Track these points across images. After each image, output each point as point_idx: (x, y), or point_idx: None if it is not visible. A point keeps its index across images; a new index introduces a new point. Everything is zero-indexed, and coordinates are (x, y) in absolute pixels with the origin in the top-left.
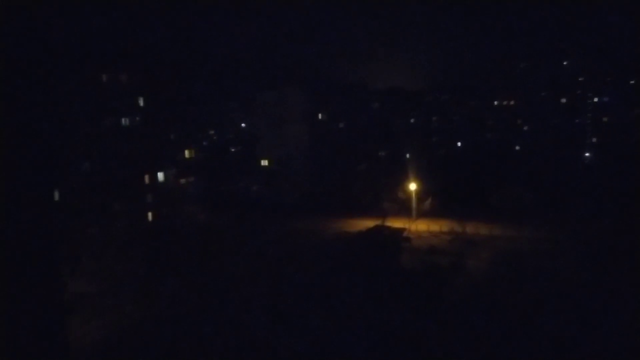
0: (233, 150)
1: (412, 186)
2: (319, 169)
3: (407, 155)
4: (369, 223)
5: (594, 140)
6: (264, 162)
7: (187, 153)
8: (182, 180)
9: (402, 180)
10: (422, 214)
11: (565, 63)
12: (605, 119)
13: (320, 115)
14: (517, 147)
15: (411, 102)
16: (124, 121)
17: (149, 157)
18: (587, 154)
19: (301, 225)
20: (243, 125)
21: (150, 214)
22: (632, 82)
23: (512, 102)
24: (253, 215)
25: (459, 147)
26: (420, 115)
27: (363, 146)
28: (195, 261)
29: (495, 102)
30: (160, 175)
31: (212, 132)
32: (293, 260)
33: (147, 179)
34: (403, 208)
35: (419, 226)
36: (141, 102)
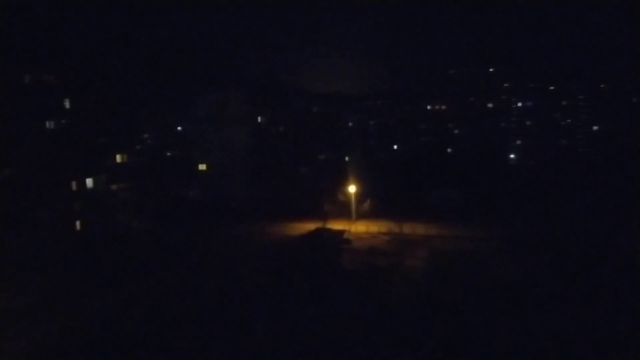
0: (169, 154)
1: (352, 188)
2: (260, 173)
3: (347, 159)
4: (310, 226)
5: (518, 142)
6: (202, 167)
7: (118, 158)
8: (114, 187)
9: (343, 183)
10: (362, 216)
11: (491, 70)
12: (528, 123)
13: (260, 119)
14: (449, 150)
15: (350, 106)
16: (49, 124)
17: (76, 163)
18: (512, 155)
19: (241, 231)
20: (179, 128)
21: (78, 223)
22: (551, 88)
23: (443, 107)
24: (190, 222)
25: (395, 150)
26: (359, 119)
27: (304, 149)
28: (126, 272)
29: (429, 107)
30: (89, 182)
31: (146, 135)
32: (231, 267)
33: (74, 185)
34: (343, 210)
35: (359, 227)
36: (67, 104)
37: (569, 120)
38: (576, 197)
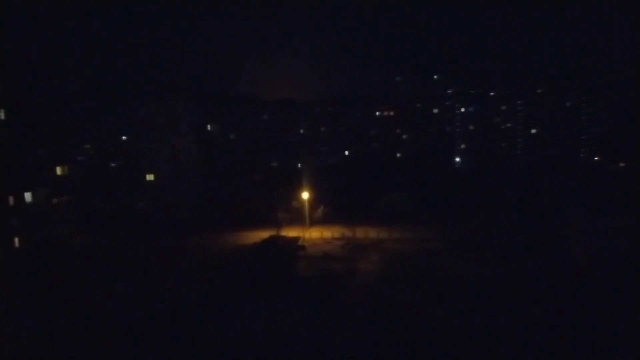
0: (114, 165)
1: (305, 195)
2: (211, 182)
3: (299, 165)
4: (264, 234)
5: (463, 146)
6: (150, 177)
7: (59, 170)
8: (55, 200)
9: (295, 190)
10: (316, 222)
11: (435, 77)
12: (471, 127)
13: (209, 127)
14: (398, 155)
15: (301, 113)
16: None
17: (13, 176)
18: (457, 159)
19: (192, 242)
20: (124, 138)
21: (17, 240)
22: (492, 93)
23: (391, 113)
24: (139, 234)
25: (346, 155)
26: (310, 126)
27: (255, 157)
28: (67, 289)
29: (377, 113)
30: (28, 196)
31: (88, 146)
32: (181, 279)
33: (11, 200)
34: (297, 217)
35: (313, 234)
36: (2, 115)
37: (508, 125)
38: (516, 197)
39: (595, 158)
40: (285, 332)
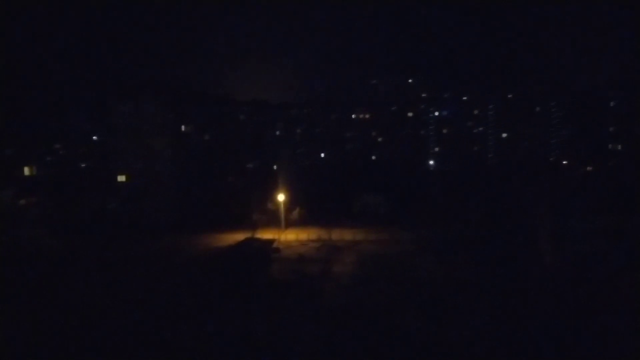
0: (84, 165)
1: (281, 197)
2: (185, 183)
3: (275, 167)
4: (239, 236)
5: (437, 149)
6: (121, 178)
7: (26, 170)
8: (23, 201)
9: (271, 192)
10: (291, 224)
11: (410, 81)
12: (445, 131)
13: (184, 127)
14: (373, 157)
15: (277, 114)
16: None
17: None
18: (431, 162)
19: (166, 244)
20: (95, 138)
21: None
22: (464, 98)
23: (367, 116)
24: (110, 236)
25: (322, 157)
26: (286, 127)
27: (231, 159)
28: (34, 293)
29: (353, 116)
30: None
31: (58, 146)
32: (153, 282)
33: None
34: (273, 219)
35: (289, 236)
36: None
37: (480, 129)
38: (488, 200)
39: (564, 162)
40: (260, 335)
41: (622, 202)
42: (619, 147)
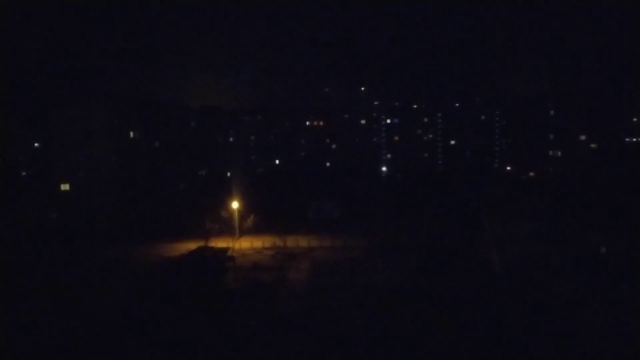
0: (25, 174)
1: (234, 204)
2: (133, 192)
3: (228, 174)
4: (191, 245)
5: (388, 156)
6: (65, 186)
7: None
8: None
9: (224, 199)
10: (246, 232)
11: (362, 89)
12: (396, 138)
13: (131, 134)
14: (327, 164)
15: (229, 121)
16: None
17: None
18: (383, 168)
19: (112, 255)
20: (36, 145)
21: None
22: (414, 106)
23: (321, 123)
24: (52, 248)
25: (277, 164)
26: (239, 134)
27: (182, 166)
28: None
29: (307, 123)
30: None
31: None
32: (100, 297)
33: None
34: (226, 227)
35: (243, 244)
36: None
37: (430, 136)
38: (437, 205)
39: (507, 168)
40: (212, 346)
41: (561, 206)
42: (559, 153)
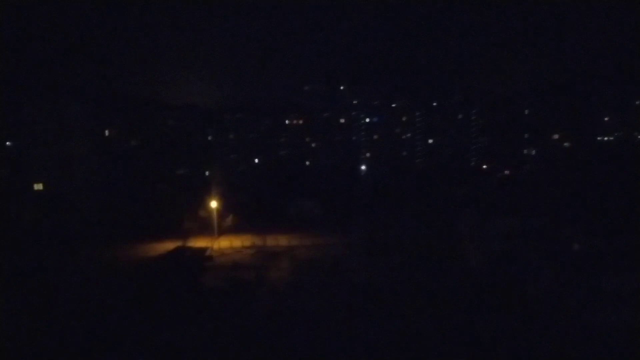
0: None
1: (213, 204)
2: (110, 191)
3: (207, 173)
4: (169, 245)
5: (368, 154)
6: (38, 186)
7: None
8: None
9: (203, 199)
10: (225, 231)
11: (342, 88)
12: (375, 137)
13: (107, 132)
14: (307, 162)
15: (208, 119)
16: None
17: None
18: (363, 167)
19: (88, 256)
20: (8, 143)
21: None
22: (393, 105)
23: (300, 122)
24: (26, 250)
25: (256, 163)
26: (218, 132)
27: (160, 164)
28: None
29: (287, 121)
30: None
31: None
32: (77, 299)
33: None
34: (205, 226)
35: (222, 243)
36: None
37: (408, 135)
38: (416, 203)
39: (484, 166)
40: (194, 345)
41: (535, 203)
42: (533, 152)
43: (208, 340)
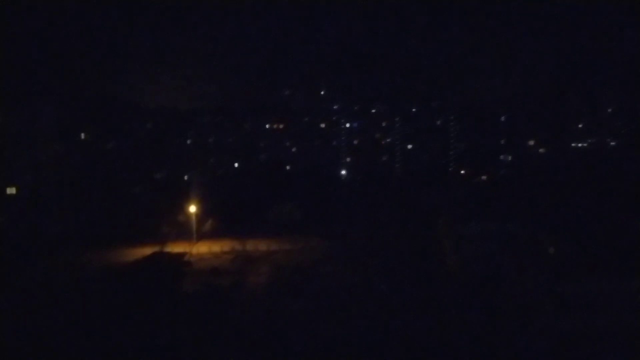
0: None
1: (192, 208)
2: (86, 195)
3: (185, 177)
4: (146, 251)
5: (348, 159)
6: (11, 190)
7: None
8: None
9: (181, 203)
10: (204, 236)
11: (322, 92)
12: (355, 141)
13: (83, 135)
14: (288, 167)
15: (187, 122)
16: None
17: None
18: (343, 171)
19: (62, 262)
20: None
21: None
22: (373, 110)
23: (281, 126)
24: None
25: (236, 167)
26: (197, 136)
27: (136, 168)
28: None
29: (267, 125)
30: None
31: None
32: (50, 307)
33: None
34: (184, 231)
35: (201, 248)
36: None
37: (388, 140)
38: (396, 207)
39: (462, 171)
40: (170, 353)
41: (511, 208)
42: (509, 157)
43: (184, 348)
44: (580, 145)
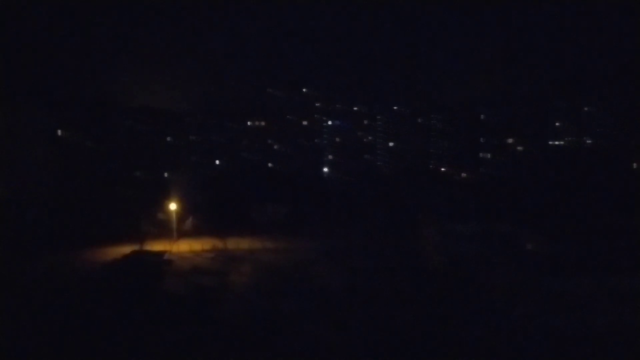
0: None
1: (172, 206)
2: (66, 194)
3: (166, 175)
4: (125, 249)
5: (330, 157)
6: None
7: None
8: None
9: (162, 201)
10: (185, 234)
11: (304, 90)
12: (337, 140)
13: (61, 134)
14: (270, 165)
15: (168, 121)
16: None
17: None
18: (325, 169)
19: (42, 262)
20: None
21: None
22: (355, 108)
23: (263, 124)
24: None
25: (218, 165)
26: (178, 134)
27: (117, 167)
28: None
29: (249, 123)
30: None
31: None
32: (31, 308)
33: None
34: (164, 230)
35: (181, 247)
36: None
37: (370, 138)
38: (378, 206)
39: (442, 169)
40: (149, 355)
41: (491, 205)
42: (488, 156)
43: (164, 349)
44: (557, 143)
